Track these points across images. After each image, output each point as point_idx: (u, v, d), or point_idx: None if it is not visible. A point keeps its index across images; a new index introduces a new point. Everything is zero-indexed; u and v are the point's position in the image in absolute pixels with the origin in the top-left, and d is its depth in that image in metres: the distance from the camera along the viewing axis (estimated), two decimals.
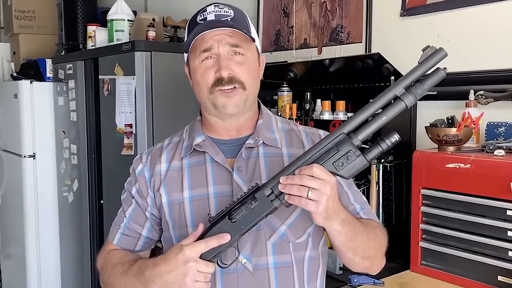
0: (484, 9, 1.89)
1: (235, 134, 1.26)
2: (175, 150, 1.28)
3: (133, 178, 1.31)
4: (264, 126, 1.26)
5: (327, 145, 1.06)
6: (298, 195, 1.02)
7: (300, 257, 1.21)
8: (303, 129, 1.32)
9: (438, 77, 1.04)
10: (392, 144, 1.06)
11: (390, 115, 1.05)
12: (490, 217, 1.60)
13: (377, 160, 2.03)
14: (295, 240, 1.20)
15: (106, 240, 1.34)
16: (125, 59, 2.60)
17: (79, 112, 3.10)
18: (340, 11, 2.46)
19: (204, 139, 1.24)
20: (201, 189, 1.21)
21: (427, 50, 1.04)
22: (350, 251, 1.15)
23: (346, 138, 1.05)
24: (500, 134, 1.77)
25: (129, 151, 2.58)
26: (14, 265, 3.72)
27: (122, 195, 1.34)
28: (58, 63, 3.39)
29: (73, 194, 3.27)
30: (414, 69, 1.04)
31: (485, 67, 1.89)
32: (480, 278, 1.64)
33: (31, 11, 4.13)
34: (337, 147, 1.05)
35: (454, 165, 1.66)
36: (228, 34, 1.18)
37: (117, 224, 1.31)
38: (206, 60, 1.19)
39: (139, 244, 1.29)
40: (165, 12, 3.09)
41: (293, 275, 1.20)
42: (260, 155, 1.22)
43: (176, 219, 1.22)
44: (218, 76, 1.17)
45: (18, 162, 3.49)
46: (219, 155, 1.22)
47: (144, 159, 1.30)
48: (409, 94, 1.03)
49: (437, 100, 2.02)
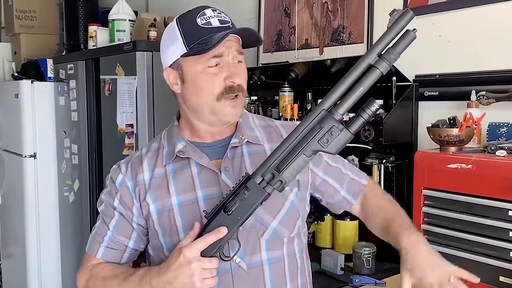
0: (486, 9, 1.89)
1: (218, 136, 1.25)
2: (156, 157, 1.25)
3: (112, 188, 1.26)
4: (244, 125, 1.26)
5: (309, 124, 1.06)
6: None
7: (292, 250, 1.23)
8: (280, 124, 1.34)
9: (409, 39, 1.03)
10: (373, 112, 1.04)
11: (367, 84, 1.04)
12: (492, 217, 1.60)
13: (379, 160, 2.03)
14: (289, 235, 1.21)
15: (85, 255, 1.28)
16: (126, 59, 2.60)
17: (80, 112, 3.10)
18: (341, 11, 2.45)
19: (185, 145, 1.22)
20: (189, 194, 1.20)
21: (394, 14, 1.03)
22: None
23: (327, 114, 1.05)
24: (502, 134, 1.77)
25: (130, 151, 2.58)
26: (14, 265, 3.72)
27: (98, 206, 1.30)
28: (59, 63, 3.39)
29: (74, 194, 3.27)
30: (384, 35, 1.03)
31: (487, 68, 1.89)
32: (482, 278, 1.62)
33: (32, 11, 4.12)
34: (319, 125, 1.04)
35: (456, 166, 1.66)
36: (235, 41, 1.18)
37: (99, 237, 1.26)
38: (213, 66, 1.16)
39: (125, 256, 1.26)
40: (166, 12, 3.10)
41: (285, 270, 1.21)
42: (245, 153, 1.23)
43: (167, 227, 1.20)
44: (230, 83, 1.15)
45: (19, 162, 3.49)
46: (203, 158, 1.21)
47: (123, 169, 1.26)
48: (382, 60, 1.02)
49: (438, 100, 2.02)
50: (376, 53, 1.03)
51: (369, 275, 1.86)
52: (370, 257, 1.88)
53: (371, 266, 1.89)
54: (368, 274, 1.87)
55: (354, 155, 2.20)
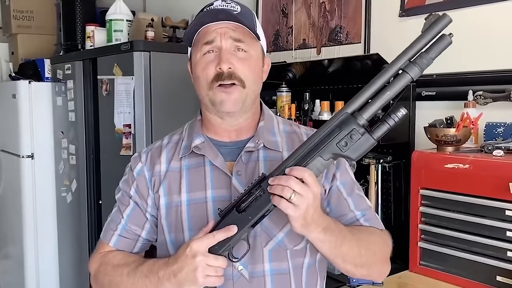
0: (483, 9, 1.90)
1: (235, 136, 1.23)
2: (174, 150, 1.25)
3: (130, 177, 1.27)
4: (265, 129, 1.23)
5: (330, 127, 1.01)
6: (279, 195, 0.99)
7: (299, 264, 1.19)
8: (305, 131, 1.28)
9: (444, 43, 0.97)
10: (399, 119, 0.98)
11: (396, 89, 0.98)
12: (489, 217, 1.61)
13: (376, 160, 2.03)
14: (292, 247, 1.18)
15: (99, 242, 1.29)
16: (124, 59, 2.59)
17: (78, 112, 3.09)
18: (339, 11, 2.46)
19: (203, 141, 1.21)
20: (199, 193, 1.19)
21: (430, 18, 0.97)
22: (338, 258, 1.11)
23: (350, 117, 0.99)
24: (499, 134, 1.77)
25: (127, 151, 2.58)
26: (12, 265, 3.71)
27: (116, 194, 1.30)
28: (57, 63, 3.38)
29: (72, 194, 3.26)
30: (418, 39, 0.98)
31: (484, 68, 1.89)
32: (479, 278, 1.64)
33: (30, 11, 4.11)
34: (339, 128, 1.00)
35: (453, 166, 1.67)
36: (231, 28, 1.16)
37: (114, 225, 1.26)
38: (208, 54, 1.16)
39: (137, 245, 1.26)
40: (164, 12, 3.09)
41: (290, 283, 1.18)
42: (260, 158, 1.20)
43: (173, 222, 1.20)
44: (218, 70, 1.14)
45: (16, 162, 3.48)
46: (218, 158, 1.19)
47: (143, 158, 1.26)
48: (413, 65, 0.97)
49: (436, 100, 2.02)
50: (407, 58, 0.98)
51: None
52: None
53: None
54: None
55: None
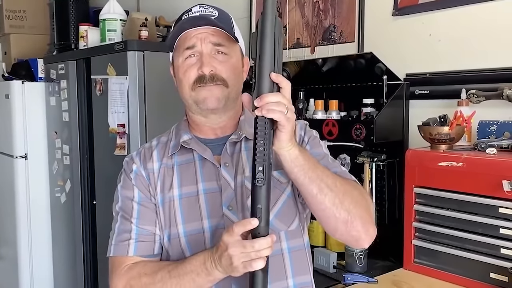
0: (475, 8, 1.91)
1: (220, 133, 1.27)
2: (164, 149, 1.28)
3: (128, 181, 1.26)
4: (246, 122, 1.27)
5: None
6: (276, 109, 0.97)
7: (300, 244, 1.23)
8: None
9: None
10: None
11: None
12: (482, 214, 1.62)
13: (370, 159, 2.04)
14: (287, 229, 1.21)
15: (113, 260, 1.22)
16: (118, 59, 2.59)
17: (71, 112, 3.08)
18: (332, 10, 2.46)
19: (191, 137, 1.25)
20: (190, 187, 1.22)
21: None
22: (313, 185, 1.06)
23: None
24: (492, 132, 1.79)
25: (121, 151, 2.57)
26: (6, 266, 3.69)
27: (114, 204, 1.27)
28: (50, 63, 3.37)
29: (66, 194, 3.25)
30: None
31: (476, 66, 1.90)
32: (473, 275, 1.65)
33: (23, 11, 4.10)
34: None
35: (446, 164, 1.68)
36: (211, 33, 1.20)
37: (126, 235, 1.22)
38: (189, 58, 1.21)
39: (156, 246, 1.23)
40: (158, 12, 3.09)
41: (284, 264, 1.20)
42: (242, 149, 1.24)
43: (167, 217, 1.22)
44: (200, 73, 1.18)
45: (9, 162, 3.46)
46: (206, 151, 1.23)
47: (136, 159, 1.28)
48: None
49: (429, 99, 2.03)
50: None
51: (361, 273, 1.87)
52: (362, 255, 1.89)
53: (363, 264, 1.90)
54: (361, 272, 1.87)
55: (346, 153, 2.21)
